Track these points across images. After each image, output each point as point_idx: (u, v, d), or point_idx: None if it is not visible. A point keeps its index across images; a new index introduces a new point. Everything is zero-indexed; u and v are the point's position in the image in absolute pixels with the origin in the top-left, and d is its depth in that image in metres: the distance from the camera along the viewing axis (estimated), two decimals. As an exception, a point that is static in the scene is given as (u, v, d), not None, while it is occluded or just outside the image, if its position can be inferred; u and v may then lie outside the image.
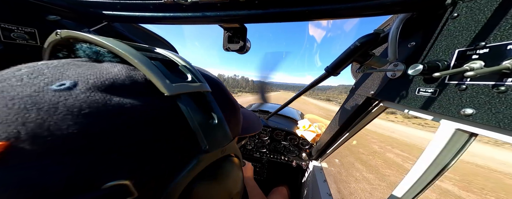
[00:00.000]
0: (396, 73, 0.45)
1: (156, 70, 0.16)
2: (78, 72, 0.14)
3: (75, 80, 0.13)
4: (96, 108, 0.12)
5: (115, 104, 0.13)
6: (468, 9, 0.32)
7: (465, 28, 0.32)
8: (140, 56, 0.16)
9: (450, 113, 0.33)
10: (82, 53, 0.18)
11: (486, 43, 0.28)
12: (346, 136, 0.86)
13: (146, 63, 0.16)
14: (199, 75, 0.21)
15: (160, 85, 0.16)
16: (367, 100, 0.61)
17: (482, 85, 0.29)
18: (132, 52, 0.16)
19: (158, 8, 0.47)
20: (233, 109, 0.27)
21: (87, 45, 0.18)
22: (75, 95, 0.12)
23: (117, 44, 0.16)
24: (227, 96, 0.27)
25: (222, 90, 0.26)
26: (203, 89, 0.20)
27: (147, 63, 0.16)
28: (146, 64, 0.16)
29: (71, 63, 0.16)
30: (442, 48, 0.36)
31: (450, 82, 0.33)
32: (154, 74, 0.16)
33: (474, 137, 0.36)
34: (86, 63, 0.16)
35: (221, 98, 0.25)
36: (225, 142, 0.20)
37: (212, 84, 0.23)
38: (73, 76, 0.14)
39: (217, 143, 0.19)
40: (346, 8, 0.37)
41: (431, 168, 0.41)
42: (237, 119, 0.28)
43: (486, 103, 0.28)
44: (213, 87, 0.22)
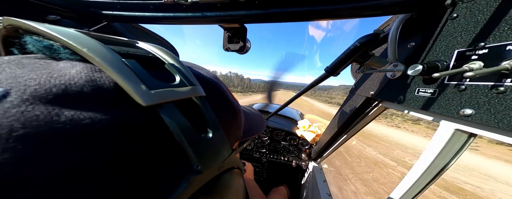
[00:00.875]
0: (396, 74, 0.45)
1: (127, 71, 0.12)
2: (14, 76, 0.10)
3: (7, 87, 0.09)
4: (35, 127, 0.09)
5: (66, 120, 0.09)
6: (467, 10, 0.32)
7: (465, 29, 0.32)
8: (105, 52, 0.12)
9: (449, 113, 0.33)
10: (33, 48, 0.14)
11: (485, 43, 0.29)
12: (345, 136, 0.86)
13: (114, 61, 0.12)
14: (190, 76, 0.17)
15: (133, 93, 0.12)
16: (366, 100, 0.61)
17: (481, 86, 0.29)
18: (93, 46, 0.12)
19: (158, 8, 0.47)
20: (233, 112, 0.23)
21: (36, 37, 0.13)
22: (4, 110, 0.08)
23: (71, 35, 0.12)
24: (227, 99, 0.23)
25: (221, 92, 0.22)
26: (196, 94, 0.16)
27: (115, 62, 0.12)
28: (113, 63, 0.12)
29: (13, 62, 0.11)
30: (442, 49, 0.36)
31: (450, 82, 0.33)
32: (124, 77, 0.12)
33: (473, 137, 0.36)
34: (37, 61, 0.12)
35: (220, 102, 0.21)
36: (222, 158, 0.17)
37: (208, 86, 0.20)
38: (6, 82, 0.10)
39: (212, 160, 0.16)
40: (346, 8, 0.37)
41: (431, 168, 0.41)
42: (238, 123, 0.25)
43: (485, 103, 0.28)
44: (209, 90, 0.18)
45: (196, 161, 0.14)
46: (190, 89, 0.15)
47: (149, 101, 0.12)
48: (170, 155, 0.14)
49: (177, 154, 0.14)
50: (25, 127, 0.08)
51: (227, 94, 0.23)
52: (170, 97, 0.13)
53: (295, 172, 1.35)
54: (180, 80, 0.16)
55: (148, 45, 0.19)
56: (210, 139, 0.15)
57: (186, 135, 0.13)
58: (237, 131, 0.25)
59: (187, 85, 0.16)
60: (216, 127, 0.16)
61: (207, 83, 0.20)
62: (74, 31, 0.13)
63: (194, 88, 0.16)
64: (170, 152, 0.14)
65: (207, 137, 0.15)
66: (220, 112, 0.20)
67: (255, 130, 0.34)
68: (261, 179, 1.46)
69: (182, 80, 0.16)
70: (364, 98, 0.61)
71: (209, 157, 0.15)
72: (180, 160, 0.14)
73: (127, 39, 0.18)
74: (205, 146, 0.15)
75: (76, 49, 0.12)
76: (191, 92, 0.15)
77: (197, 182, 0.15)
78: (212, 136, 0.16)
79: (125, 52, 0.15)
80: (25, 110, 0.09)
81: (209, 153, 0.15)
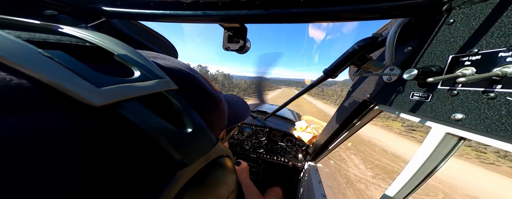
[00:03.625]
0: (392, 78, 0.46)
1: (53, 66, 0.09)
2: None
3: None
4: None
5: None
6: (463, 16, 0.32)
7: (460, 35, 0.33)
8: (5, 43, 0.09)
9: (441, 117, 0.34)
10: None
11: (478, 50, 0.29)
12: (342, 138, 0.87)
13: (27, 55, 0.09)
14: (155, 68, 0.15)
15: (74, 93, 0.09)
16: (363, 102, 0.61)
17: (472, 91, 0.30)
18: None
19: (158, 5, 0.47)
20: (214, 102, 0.22)
21: None
22: None
23: None
24: (205, 89, 0.21)
25: (197, 83, 0.21)
26: (166, 87, 0.14)
27: (30, 55, 0.09)
28: (25, 57, 0.09)
29: None
30: (437, 54, 0.36)
31: (443, 87, 0.34)
32: (51, 75, 0.09)
33: (463, 141, 0.37)
34: None
35: (197, 94, 0.20)
36: (207, 149, 0.17)
37: (182, 78, 0.19)
38: None
39: (196, 152, 0.15)
40: (346, 11, 0.38)
41: (421, 170, 0.43)
42: (221, 112, 0.24)
43: (476, 109, 0.29)
44: (183, 83, 0.17)
45: (178, 155, 0.14)
46: (156, 83, 0.14)
47: (100, 100, 0.10)
48: (147, 154, 0.13)
49: (155, 151, 0.13)
50: None
51: (204, 85, 0.22)
52: (130, 93, 0.12)
53: (291, 173, 1.36)
54: (141, 74, 0.14)
55: (83, 32, 0.14)
56: (190, 132, 0.15)
57: (161, 132, 0.12)
58: (221, 120, 0.24)
59: (152, 79, 0.14)
60: (195, 119, 0.15)
61: (177, 75, 0.19)
62: None
63: (162, 81, 0.14)
64: (145, 151, 0.13)
65: (186, 131, 0.15)
66: (199, 103, 0.19)
67: (240, 117, 0.33)
68: (258, 179, 1.47)
69: (143, 74, 0.14)
70: (360, 101, 0.62)
71: (192, 150, 0.15)
72: (161, 157, 0.13)
73: (40, 22, 0.14)
74: (186, 140, 0.14)
75: None
76: (158, 86, 0.14)
77: (184, 175, 0.15)
78: (193, 129, 0.15)
79: (41, 40, 0.12)
80: None
81: (191, 145, 0.15)
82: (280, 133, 1.32)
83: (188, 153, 0.14)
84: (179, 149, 0.14)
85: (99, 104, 0.10)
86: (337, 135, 0.86)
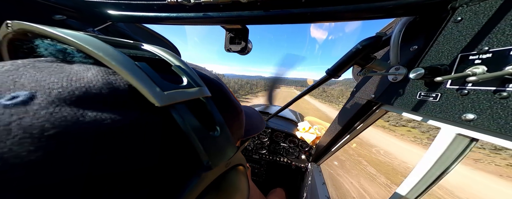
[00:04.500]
0: (398, 77, 0.44)
1: (141, 74, 0.13)
2: (37, 79, 0.11)
3: (32, 91, 0.10)
4: (65, 127, 0.09)
5: (91, 120, 0.10)
6: (472, 13, 0.31)
7: (468, 33, 0.32)
8: (119, 56, 0.13)
9: (451, 117, 0.33)
10: (45, 52, 0.14)
11: (489, 48, 0.28)
12: (346, 139, 0.86)
13: (128, 65, 0.13)
14: (197, 77, 0.18)
15: (148, 94, 0.12)
16: (367, 103, 0.60)
17: (484, 91, 0.29)
18: (108, 50, 0.13)
19: (161, 8, 0.48)
20: (236, 112, 0.24)
21: (49, 41, 0.14)
22: (33, 112, 0.09)
23: (87, 40, 0.13)
24: (230, 99, 0.24)
25: (224, 93, 0.23)
26: (203, 94, 0.17)
27: (129, 65, 0.13)
28: (128, 66, 0.13)
29: (29, 66, 0.12)
30: (445, 53, 0.35)
31: (452, 87, 0.33)
32: (139, 80, 0.12)
33: (475, 142, 0.35)
34: (51, 65, 0.13)
35: (223, 102, 0.22)
36: (229, 154, 0.18)
37: (213, 86, 0.21)
38: (29, 86, 0.10)
39: (220, 156, 0.16)
40: (348, 10, 0.37)
41: (431, 172, 0.41)
42: (240, 122, 0.26)
43: (488, 109, 0.28)
44: (213, 91, 0.19)
45: (206, 157, 0.15)
46: (197, 90, 0.16)
47: (163, 101, 0.13)
48: (181, 152, 0.15)
49: (188, 151, 0.15)
50: (55, 127, 0.09)
51: (229, 95, 0.24)
52: (181, 98, 0.14)
53: (294, 174, 1.35)
54: (187, 82, 0.16)
55: (153, 47, 0.19)
56: (217, 136, 0.16)
57: (196, 133, 0.14)
58: (239, 130, 0.26)
59: (195, 86, 0.16)
60: (222, 125, 0.17)
61: (211, 84, 0.21)
62: (86, 35, 0.14)
63: (201, 89, 0.17)
64: (181, 150, 0.15)
65: (215, 135, 0.16)
66: (224, 111, 0.20)
67: (255, 129, 0.35)
68: (260, 180, 1.46)
69: (189, 82, 0.16)
70: (365, 101, 0.60)
71: (217, 154, 0.16)
72: (191, 157, 0.15)
73: (132, 42, 0.19)
74: (214, 143, 0.16)
75: (92, 54, 0.13)
76: (199, 93, 0.16)
77: (207, 178, 0.16)
78: (219, 134, 0.16)
79: (134, 55, 0.15)
80: (53, 111, 0.09)
81: (217, 150, 0.16)
82: (283, 134, 1.31)
83: (213, 156, 0.15)
84: (207, 150, 0.15)
85: (161, 104, 0.13)
86: (341, 136, 0.85)
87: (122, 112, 0.12)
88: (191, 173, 0.15)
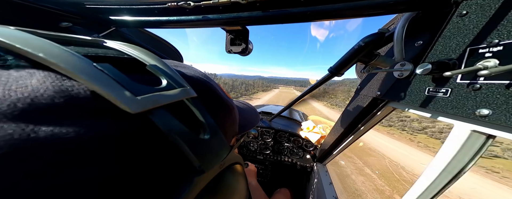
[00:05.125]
0: (404, 73, 0.43)
1: (103, 77, 0.11)
2: None
3: None
4: (12, 146, 0.08)
5: (47, 136, 0.08)
6: (477, 6, 0.30)
7: (476, 26, 0.31)
8: (68, 57, 0.10)
9: (464, 113, 0.31)
10: None
11: (499, 40, 0.27)
12: (352, 138, 0.84)
13: (84, 67, 0.10)
14: (178, 77, 0.16)
15: (117, 101, 0.11)
16: (373, 100, 0.59)
17: (497, 85, 0.27)
18: (50, 49, 0.10)
19: (162, 12, 0.49)
20: (227, 109, 0.23)
21: None
22: None
23: (17, 38, 0.10)
24: (219, 96, 0.22)
25: (212, 91, 0.22)
26: (187, 95, 0.15)
27: (86, 68, 0.10)
28: (83, 69, 0.10)
29: None
30: (452, 47, 0.34)
31: (462, 81, 0.32)
32: (102, 85, 0.10)
33: (491, 139, 0.34)
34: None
35: (212, 101, 0.21)
36: (223, 155, 0.17)
37: (199, 85, 0.19)
38: None
39: (213, 159, 0.16)
40: (348, 8, 0.37)
41: (445, 171, 0.39)
42: (233, 119, 0.25)
43: (503, 103, 0.27)
44: (200, 90, 0.17)
45: (197, 161, 0.14)
46: (179, 92, 0.15)
47: (136, 108, 0.11)
48: (169, 159, 0.14)
49: (177, 157, 0.14)
50: (1, 148, 0.07)
51: (218, 92, 0.23)
52: (159, 102, 0.13)
53: (299, 174, 1.33)
54: (167, 83, 0.15)
55: (121, 45, 0.16)
56: (208, 139, 0.15)
57: (183, 138, 0.13)
58: (232, 127, 0.25)
59: (176, 88, 0.15)
60: (212, 126, 0.16)
61: (196, 83, 0.20)
62: (17, 31, 0.11)
63: (184, 90, 0.15)
64: (169, 156, 0.14)
65: (204, 137, 0.15)
66: (214, 110, 0.19)
67: (250, 124, 0.34)
68: (265, 180, 1.45)
69: (169, 83, 0.15)
70: (370, 99, 0.59)
71: (210, 156, 0.15)
72: (181, 163, 0.14)
73: (90, 38, 0.16)
74: (204, 146, 0.15)
75: (27, 54, 0.10)
76: (181, 94, 0.15)
77: (201, 182, 0.15)
78: (210, 135, 0.15)
79: (94, 55, 0.13)
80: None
81: (208, 152, 0.15)
82: (287, 134, 1.30)
83: (205, 159, 0.15)
84: (198, 155, 0.14)
85: (135, 111, 0.11)
86: (346, 135, 0.83)
87: (88, 123, 0.10)
88: (183, 179, 0.14)
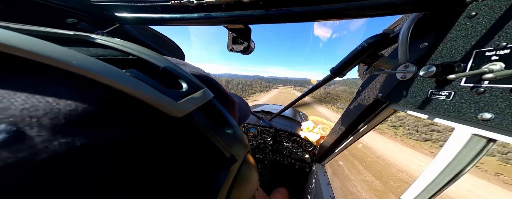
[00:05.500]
0: (407, 75, 0.43)
1: (142, 85, 0.10)
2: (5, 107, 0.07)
3: (14, 120, 0.07)
4: (71, 153, 0.08)
5: (104, 144, 0.09)
6: (487, 8, 0.30)
7: (484, 28, 0.30)
8: (100, 65, 0.10)
9: (466, 117, 0.31)
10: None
11: (507, 43, 0.26)
12: (351, 139, 0.83)
13: (117, 74, 0.10)
14: (193, 78, 0.16)
15: (164, 107, 0.11)
16: (374, 102, 0.58)
17: (501, 89, 0.27)
18: (84, 59, 0.09)
19: (165, 9, 0.49)
20: (232, 105, 0.26)
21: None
22: (31, 147, 0.07)
23: (32, 42, 0.08)
24: (224, 93, 0.24)
25: (218, 88, 0.23)
26: (207, 97, 0.16)
27: (118, 75, 0.10)
28: (120, 78, 0.10)
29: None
30: (458, 49, 0.33)
31: (466, 85, 0.31)
32: (145, 92, 0.10)
33: (492, 143, 0.33)
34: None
35: (220, 97, 0.23)
36: (245, 146, 0.19)
37: (208, 84, 0.20)
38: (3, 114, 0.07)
39: (240, 148, 0.18)
40: (352, 8, 0.36)
41: (444, 173, 0.39)
42: (235, 113, 0.27)
43: (507, 108, 0.26)
44: (210, 89, 0.18)
45: (229, 152, 0.16)
46: (202, 94, 0.16)
47: (181, 113, 0.12)
48: (208, 153, 0.15)
49: (213, 151, 0.15)
50: (63, 162, 0.08)
51: (222, 89, 0.24)
52: (194, 105, 0.14)
53: (298, 174, 1.33)
54: (188, 86, 0.15)
55: (121, 42, 0.15)
56: (232, 133, 0.17)
57: (216, 134, 0.15)
58: (236, 120, 0.27)
59: (198, 89, 0.16)
60: (231, 121, 0.18)
61: (206, 82, 0.21)
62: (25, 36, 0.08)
63: (205, 91, 0.16)
64: (208, 151, 0.15)
65: (229, 131, 0.17)
66: (223, 106, 0.21)
67: (245, 116, 0.36)
68: (264, 180, 1.46)
69: (190, 85, 0.15)
70: (371, 100, 0.59)
71: (237, 146, 0.17)
72: (217, 155, 0.16)
73: (72, 33, 0.13)
74: (232, 139, 0.17)
75: (56, 64, 0.08)
76: (207, 95, 0.16)
77: (234, 170, 0.17)
78: (232, 129, 0.17)
79: (103, 58, 0.12)
80: (64, 142, 0.08)
81: (236, 143, 0.17)
82: (286, 133, 1.30)
83: (235, 150, 0.17)
84: (230, 147, 0.16)
85: (181, 115, 0.12)
86: (346, 136, 0.83)
87: (128, 127, 0.10)
88: (221, 168, 0.16)
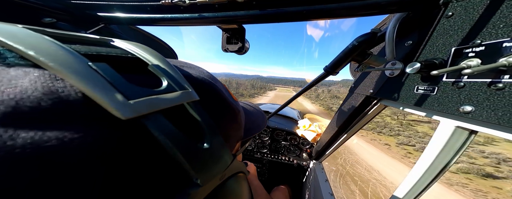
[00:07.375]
0: (394, 72, 0.45)
1: (95, 78, 0.10)
2: None
3: None
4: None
5: (25, 144, 0.08)
6: (462, 8, 0.32)
7: (460, 27, 0.32)
8: (62, 55, 0.10)
9: (449, 110, 0.33)
10: None
11: (481, 41, 0.29)
12: (346, 135, 0.86)
13: (76, 66, 0.09)
14: (180, 78, 0.15)
15: (108, 105, 0.10)
16: (366, 98, 0.61)
17: (479, 83, 0.29)
18: (45, 47, 0.10)
19: (155, 9, 0.47)
20: (232, 113, 0.21)
21: None
22: None
23: (12, 35, 0.09)
24: (224, 100, 0.21)
25: (216, 93, 0.20)
26: (189, 99, 0.14)
27: (77, 67, 0.10)
28: (74, 68, 0.09)
29: None
30: (439, 47, 0.36)
31: (448, 80, 0.34)
32: (92, 86, 0.09)
33: (474, 135, 0.36)
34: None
35: (216, 104, 0.19)
36: (223, 167, 0.16)
37: (202, 87, 0.18)
38: None
39: (212, 171, 0.14)
40: (342, 8, 0.38)
41: (432, 167, 0.41)
42: (238, 124, 0.23)
43: (485, 100, 0.28)
44: (203, 92, 0.16)
45: (194, 174, 0.13)
46: (180, 95, 0.13)
47: (128, 113, 0.10)
48: (164, 169, 0.13)
49: (172, 167, 0.13)
50: None
51: (223, 94, 0.21)
52: (156, 106, 0.11)
53: (296, 172, 1.35)
54: (167, 85, 0.13)
55: (128, 44, 0.16)
56: (208, 148, 0.14)
57: (179, 148, 0.12)
58: (237, 131, 0.23)
59: (177, 90, 0.14)
60: (214, 133, 0.15)
61: (200, 84, 0.18)
62: (17, 27, 0.10)
63: (186, 93, 0.14)
64: (163, 166, 0.13)
65: (204, 147, 0.14)
66: (217, 115, 0.18)
67: (257, 127, 0.32)
68: (263, 179, 1.45)
69: (170, 85, 0.14)
70: (363, 97, 0.61)
71: (208, 168, 0.14)
72: (177, 174, 0.13)
73: (99, 37, 0.15)
74: (203, 157, 0.13)
75: (20, 52, 0.09)
76: (182, 98, 0.14)
77: (198, 195, 0.14)
78: (211, 144, 0.14)
79: (95, 53, 0.12)
80: None
81: (208, 163, 0.14)
82: (283, 132, 1.31)
83: (202, 172, 0.13)
84: (194, 166, 0.13)
85: (126, 117, 0.10)
86: (341, 132, 0.85)
87: (76, 130, 0.09)
88: (177, 192, 0.13)
